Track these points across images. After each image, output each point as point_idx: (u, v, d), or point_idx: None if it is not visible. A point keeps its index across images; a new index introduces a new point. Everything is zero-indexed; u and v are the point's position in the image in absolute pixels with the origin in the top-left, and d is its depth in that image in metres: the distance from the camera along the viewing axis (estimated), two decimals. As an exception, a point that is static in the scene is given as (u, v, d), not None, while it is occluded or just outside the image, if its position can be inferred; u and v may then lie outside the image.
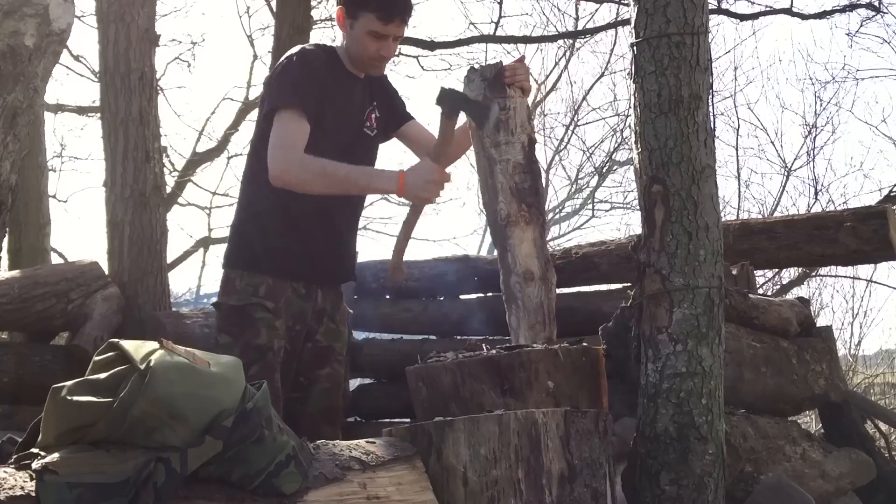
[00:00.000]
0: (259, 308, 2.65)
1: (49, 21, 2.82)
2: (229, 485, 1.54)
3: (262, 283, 2.66)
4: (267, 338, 2.64)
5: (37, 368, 4.20)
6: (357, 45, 2.71)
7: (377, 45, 2.69)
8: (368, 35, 2.67)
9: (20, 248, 7.10)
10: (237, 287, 2.69)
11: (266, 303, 2.65)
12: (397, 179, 2.54)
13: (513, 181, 2.55)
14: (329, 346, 2.83)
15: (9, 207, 2.80)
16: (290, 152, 2.57)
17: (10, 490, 1.33)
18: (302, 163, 2.57)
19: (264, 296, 2.66)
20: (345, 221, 2.84)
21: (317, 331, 2.81)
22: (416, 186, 2.54)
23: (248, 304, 2.65)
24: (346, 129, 2.75)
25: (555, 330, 2.53)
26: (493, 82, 2.56)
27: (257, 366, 2.58)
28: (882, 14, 7.83)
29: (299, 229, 2.70)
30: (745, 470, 2.70)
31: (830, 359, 3.55)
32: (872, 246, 3.59)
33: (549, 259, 2.58)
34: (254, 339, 2.63)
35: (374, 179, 2.66)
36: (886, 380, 9.15)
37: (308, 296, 2.76)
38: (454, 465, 1.85)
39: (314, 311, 2.79)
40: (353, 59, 2.75)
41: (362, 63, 2.75)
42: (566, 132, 13.60)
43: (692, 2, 2.38)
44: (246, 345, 2.62)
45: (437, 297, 4.78)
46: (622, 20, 9.06)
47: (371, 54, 2.71)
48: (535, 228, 2.56)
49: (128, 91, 4.83)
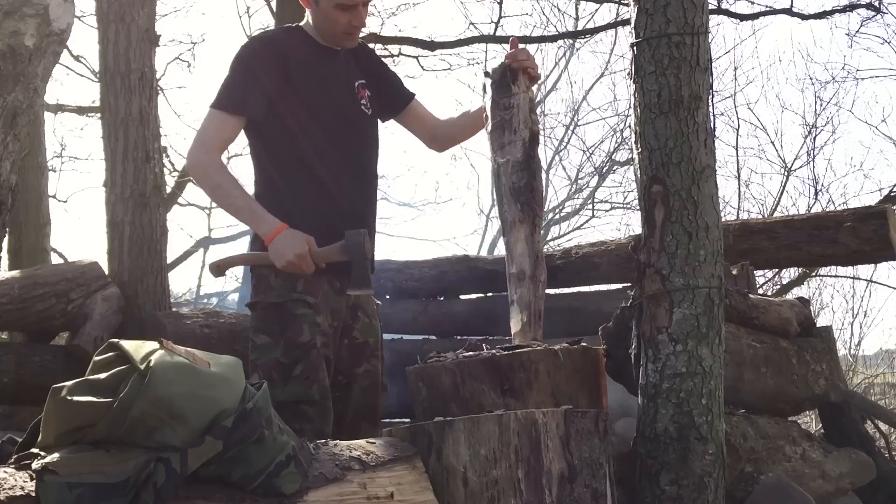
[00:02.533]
0: (300, 304, 2.54)
1: (49, 21, 2.82)
2: (229, 485, 1.54)
3: (298, 277, 2.54)
4: (310, 334, 2.53)
5: (37, 368, 4.19)
6: (326, 20, 2.63)
7: (347, 16, 2.61)
8: (336, 8, 2.59)
9: (20, 248, 7.10)
10: (273, 284, 2.57)
11: (307, 298, 2.54)
12: (272, 230, 2.49)
13: (511, 181, 2.56)
14: (365, 341, 2.72)
15: (9, 207, 2.80)
16: (202, 153, 2.57)
17: (10, 490, 1.33)
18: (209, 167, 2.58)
19: (304, 290, 2.54)
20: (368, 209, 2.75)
21: (353, 327, 2.71)
22: (282, 245, 2.47)
23: (289, 301, 2.53)
24: (331, 108, 2.67)
25: (540, 330, 2.51)
26: (499, 83, 2.59)
27: (302, 364, 2.49)
28: (882, 14, 7.85)
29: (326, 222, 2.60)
30: (745, 470, 2.70)
31: (830, 359, 3.55)
32: (872, 246, 3.60)
33: (539, 256, 2.55)
34: (297, 337, 2.51)
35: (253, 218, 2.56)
36: (886, 380, 9.15)
37: (341, 290, 2.64)
38: (454, 465, 1.85)
39: (349, 305, 2.68)
40: (324, 35, 2.68)
41: (334, 37, 2.67)
42: (566, 132, 13.62)
43: (692, 2, 2.38)
44: (289, 343, 2.51)
45: (437, 297, 4.78)
46: (622, 20, 9.07)
47: (342, 27, 2.63)
48: (527, 226, 2.55)
49: (128, 91, 4.83)
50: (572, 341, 2.43)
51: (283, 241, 2.48)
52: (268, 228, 2.51)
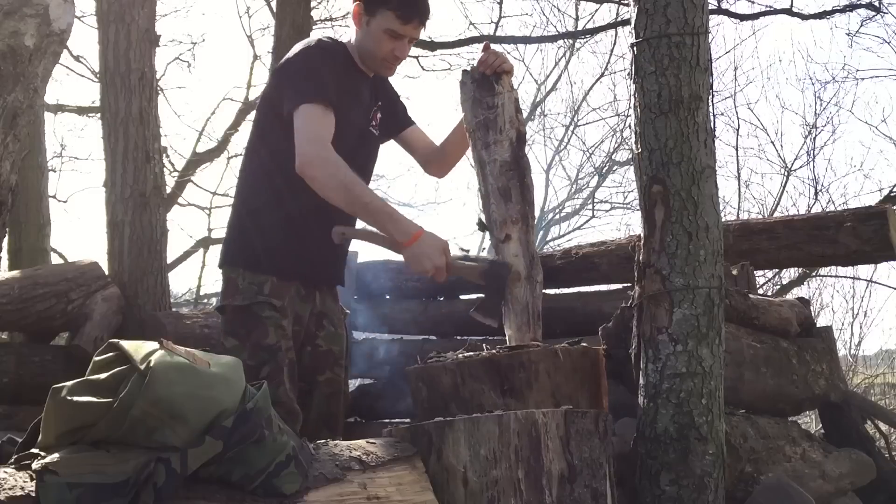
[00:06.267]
0: (266, 307, 2.57)
1: (49, 21, 2.81)
2: (229, 485, 1.54)
3: (266, 280, 2.59)
4: (276, 337, 2.56)
5: (37, 368, 4.20)
6: (372, 42, 2.65)
7: (392, 45, 2.64)
8: (385, 33, 2.62)
9: (20, 248, 7.11)
10: (240, 286, 2.61)
11: (273, 301, 2.58)
12: (411, 234, 2.44)
13: (500, 181, 2.55)
14: (329, 349, 2.76)
15: (9, 207, 2.80)
16: (319, 149, 2.47)
17: (10, 490, 1.33)
18: (337, 165, 2.46)
19: (270, 294, 2.58)
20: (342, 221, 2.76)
21: (317, 335, 2.74)
22: (421, 254, 2.44)
23: (255, 303, 2.57)
24: (353, 127, 2.69)
25: (539, 330, 2.51)
26: (481, 82, 2.59)
27: (268, 367, 2.52)
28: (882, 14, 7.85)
29: (297, 228, 2.64)
30: (745, 470, 2.70)
31: (830, 359, 3.55)
32: (872, 246, 3.59)
33: (535, 256, 2.55)
34: (263, 340, 2.55)
35: (391, 221, 2.48)
36: (886, 380, 9.15)
37: (308, 297, 2.70)
38: (454, 465, 1.85)
39: (313, 313, 2.73)
40: (365, 57, 2.70)
41: (374, 61, 2.70)
42: (566, 132, 13.62)
43: (692, 2, 2.38)
44: (255, 346, 2.54)
45: (437, 298, 4.78)
46: (622, 20, 9.08)
47: (385, 54, 2.66)
48: (521, 226, 2.54)
49: (128, 91, 4.83)
50: (572, 341, 2.43)
51: (422, 248, 2.44)
52: (407, 230, 2.45)
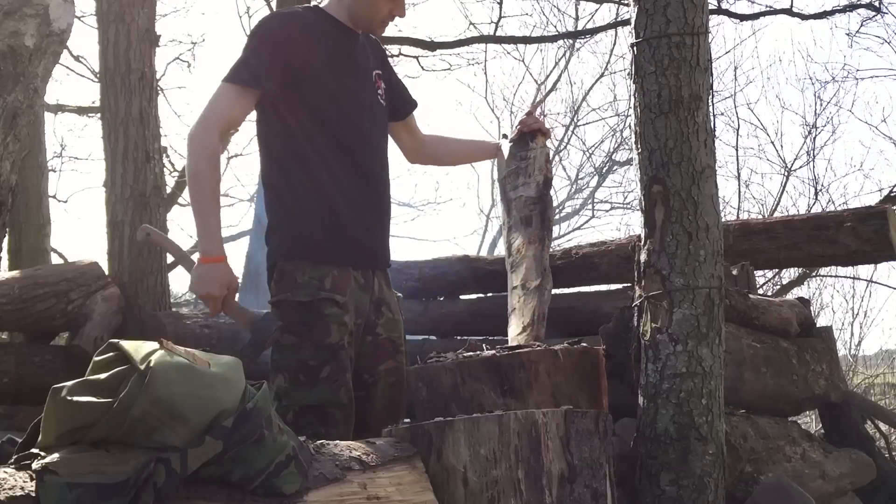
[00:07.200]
0: (329, 303, 2.42)
1: (49, 21, 2.81)
2: (229, 485, 1.54)
3: (326, 274, 2.44)
4: (338, 335, 2.42)
5: (37, 368, 4.20)
6: (368, 5, 2.55)
7: (391, 5, 2.56)
8: None
9: (20, 248, 7.11)
10: (299, 281, 2.44)
11: (336, 297, 2.43)
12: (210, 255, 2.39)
13: (524, 212, 2.79)
14: (388, 337, 2.61)
15: (9, 207, 2.80)
16: (201, 130, 2.42)
17: (10, 490, 1.33)
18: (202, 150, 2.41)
19: (332, 289, 2.43)
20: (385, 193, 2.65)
21: (376, 323, 2.59)
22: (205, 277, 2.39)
23: (318, 300, 2.42)
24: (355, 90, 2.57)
25: (543, 330, 2.53)
26: (518, 140, 2.89)
27: (329, 366, 2.40)
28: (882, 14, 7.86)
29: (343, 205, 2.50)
30: (745, 470, 2.70)
31: (830, 359, 3.55)
32: (872, 246, 3.59)
33: (546, 269, 2.65)
34: (324, 339, 2.40)
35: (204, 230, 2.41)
36: (886, 380, 9.15)
37: (367, 285, 2.55)
38: (454, 465, 1.85)
39: (372, 301, 2.57)
40: (359, 19, 2.58)
41: (370, 23, 2.60)
42: (566, 132, 13.64)
43: (692, 2, 2.38)
44: (316, 345, 2.40)
45: (437, 297, 4.78)
46: (622, 20, 9.08)
47: (383, 15, 2.58)
48: (537, 247, 2.71)
49: (128, 91, 4.83)
50: (572, 341, 2.43)
51: (211, 273, 2.39)
52: (209, 250, 2.40)
